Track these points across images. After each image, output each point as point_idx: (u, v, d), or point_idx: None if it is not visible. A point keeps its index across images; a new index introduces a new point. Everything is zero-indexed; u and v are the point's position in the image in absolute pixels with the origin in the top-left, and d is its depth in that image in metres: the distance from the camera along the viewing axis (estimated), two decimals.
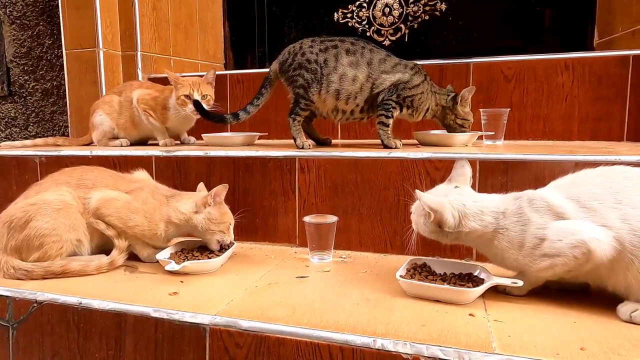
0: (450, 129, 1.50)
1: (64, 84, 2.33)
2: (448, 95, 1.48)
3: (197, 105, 1.58)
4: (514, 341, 0.77)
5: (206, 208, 1.18)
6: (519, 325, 0.82)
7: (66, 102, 2.34)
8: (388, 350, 0.77)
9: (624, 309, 0.84)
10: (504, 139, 1.56)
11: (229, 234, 1.20)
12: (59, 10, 2.18)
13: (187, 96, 1.62)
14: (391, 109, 1.42)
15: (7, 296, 1.02)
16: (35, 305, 1.00)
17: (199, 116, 1.64)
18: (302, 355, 0.81)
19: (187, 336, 0.88)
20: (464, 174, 0.98)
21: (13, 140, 2.49)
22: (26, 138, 2.46)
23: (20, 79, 2.44)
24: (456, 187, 0.95)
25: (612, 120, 1.61)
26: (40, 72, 2.39)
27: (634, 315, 0.83)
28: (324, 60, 1.43)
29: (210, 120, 1.61)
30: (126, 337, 0.93)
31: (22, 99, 2.45)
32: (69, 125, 2.13)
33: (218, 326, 0.86)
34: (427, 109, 1.48)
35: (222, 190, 1.18)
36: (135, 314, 0.92)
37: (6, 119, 2.51)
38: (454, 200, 0.91)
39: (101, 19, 2.02)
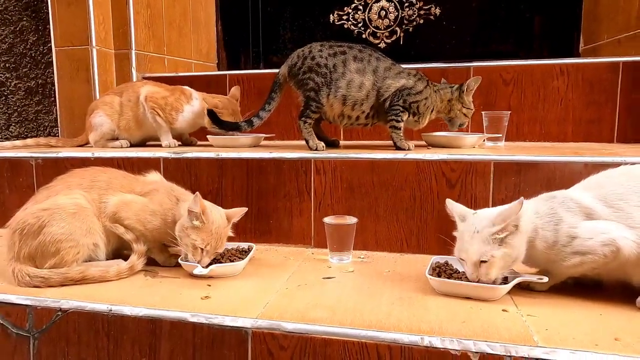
0: (453, 121, 1.53)
1: (50, 82, 2.25)
2: (452, 87, 1.51)
3: (211, 115, 1.57)
4: (552, 334, 0.81)
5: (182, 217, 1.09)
6: (552, 319, 0.87)
7: (52, 101, 2.26)
8: (436, 347, 0.79)
9: None
10: (504, 141, 1.62)
11: (194, 254, 1.08)
12: (45, 6, 2.10)
13: None
14: (400, 113, 1.45)
15: (27, 305, 0.98)
16: (59, 313, 0.96)
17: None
18: (350, 355, 0.82)
19: (228, 340, 0.88)
20: (461, 207, 1.00)
21: None
22: (7, 138, 2.35)
23: (1, 77, 2.32)
24: (474, 213, 0.98)
25: (603, 123, 1.71)
26: (24, 70, 2.28)
27: None
28: (333, 65, 1.44)
29: (226, 129, 1.59)
30: (161, 343, 0.91)
31: (3, 98, 2.33)
32: (59, 125, 2.04)
33: (261, 329, 0.86)
34: (432, 110, 1.51)
35: (195, 202, 1.05)
36: (172, 319, 0.91)
37: None
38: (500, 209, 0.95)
39: (94, 16, 1.95)
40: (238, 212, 1.17)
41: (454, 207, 1.01)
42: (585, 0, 2.16)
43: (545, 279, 0.97)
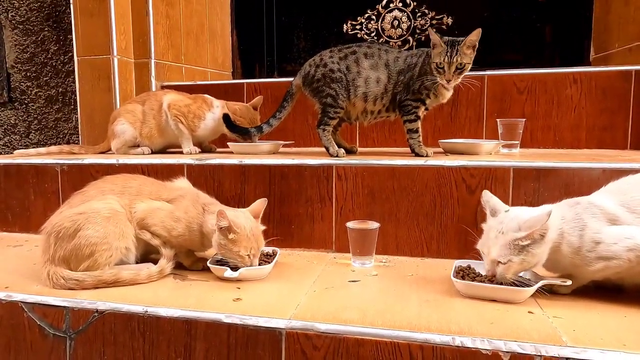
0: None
1: (70, 91, 2.30)
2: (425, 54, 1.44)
3: (226, 119, 1.61)
4: (580, 335, 0.83)
5: (215, 234, 1.12)
6: (578, 321, 0.89)
7: (72, 109, 2.31)
8: (467, 347, 0.81)
9: None
10: (519, 148, 1.65)
11: (243, 262, 1.12)
12: (67, 17, 2.16)
13: None
14: (413, 110, 1.47)
15: (64, 307, 1.01)
16: (95, 314, 0.99)
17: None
18: (382, 355, 0.85)
19: (262, 340, 0.90)
20: (497, 202, 1.03)
21: (12, 147, 2.42)
22: (27, 146, 2.40)
23: (21, 85, 2.37)
24: (507, 210, 1.00)
25: (616, 130, 1.73)
26: (44, 79, 2.33)
27: None
28: (346, 67, 1.49)
29: (237, 133, 1.66)
30: (196, 343, 0.94)
31: (24, 106, 2.38)
32: (80, 132, 2.09)
33: (295, 329, 0.89)
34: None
35: (222, 218, 1.09)
36: (207, 320, 0.93)
37: (5, 126, 2.43)
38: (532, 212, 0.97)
39: (116, 26, 2.01)
40: (260, 206, 1.22)
41: (489, 200, 1.03)
42: (595, 10, 2.20)
43: (569, 282, 0.99)
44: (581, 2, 2.20)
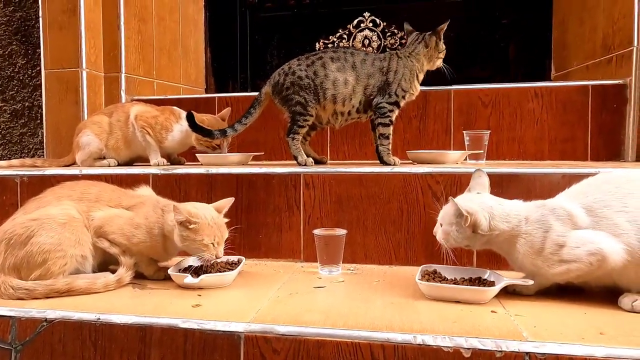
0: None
1: (37, 105, 2.25)
2: (422, 42, 1.54)
3: (190, 118, 1.59)
4: (540, 331, 0.83)
5: (175, 229, 1.11)
6: (539, 318, 0.89)
7: (38, 123, 2.25)
8: (429, 345, 0.80)
9: (625, 299, 0.93)
10: (485, 159, 1.68)
11: (209, 251, 1.11)
12: (36, 31, 2.13)
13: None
14: (387, 113, 1.50)
15: (10, 316, 0.96)
16: (44, 324, 0.94)
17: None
18: (343, 356, 0.82)
19: (220, 345, 0.87)
20: (482, 183, 1.07)
21: None
22: None
23: None
24: (478, 193, 1.04)
25: (577, 142, 1.79)
26: (11, 93, 2.28)
27: (635, 305, 0.92)
28: (313, 72, 1.51)
29: (200, 133, 1.63)
30: (151, 351, 0.90)
31: None
32: (45, 146, 2.03)
33: (254, 333, 0.86)
34: (415, 75, 1.53)
35: (180, 208, 1.09)
36: (162, 326, 0.89)
37: None
38: (482, 204, 0.99)
39: (86, 40, 1.99)
40: (225, 203, 1.21)
41: (476, 179, 1.09)
42: (554, 30, 2.31)
43: (531, 282, 0.99)
44: (541, 23, 2.32)
